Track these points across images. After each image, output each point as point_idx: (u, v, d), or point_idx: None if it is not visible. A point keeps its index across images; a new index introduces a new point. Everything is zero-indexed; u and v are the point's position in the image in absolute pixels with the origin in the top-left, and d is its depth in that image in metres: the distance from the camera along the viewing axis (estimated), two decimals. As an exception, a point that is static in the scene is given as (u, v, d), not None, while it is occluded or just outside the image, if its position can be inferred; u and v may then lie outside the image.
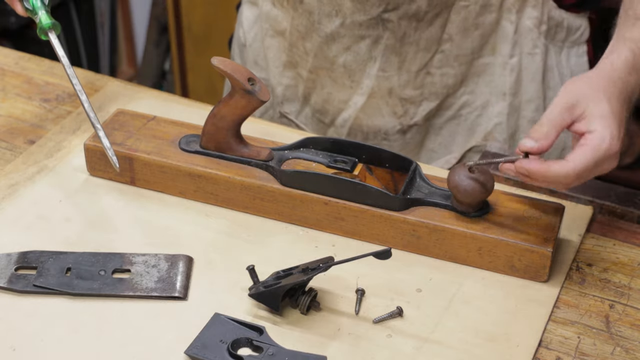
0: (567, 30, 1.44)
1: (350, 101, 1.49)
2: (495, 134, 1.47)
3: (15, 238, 1.21)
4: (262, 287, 1.10)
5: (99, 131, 1.25)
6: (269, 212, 1.25)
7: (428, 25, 1.38)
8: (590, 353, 1.08)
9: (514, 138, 1.48)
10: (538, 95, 1.46)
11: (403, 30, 1.39)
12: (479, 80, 1.45)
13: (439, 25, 1.39)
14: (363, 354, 1.07)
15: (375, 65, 1.43)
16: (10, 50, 1.61)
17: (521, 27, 1.42)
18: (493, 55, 1.43)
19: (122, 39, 3.34)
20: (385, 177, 1.26)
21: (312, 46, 1.46)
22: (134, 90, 1.49)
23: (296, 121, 1.57)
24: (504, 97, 1.45)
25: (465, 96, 1.46)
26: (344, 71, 1.46)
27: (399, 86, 1.44)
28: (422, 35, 1.39)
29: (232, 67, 1.21)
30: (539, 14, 1.41)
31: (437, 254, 1.19)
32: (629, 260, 1.21)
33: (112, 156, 1.24)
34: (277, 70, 1.54)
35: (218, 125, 1.25)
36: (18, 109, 1.46)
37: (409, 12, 1.37)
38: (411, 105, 1.46)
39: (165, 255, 1.18)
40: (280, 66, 1.53)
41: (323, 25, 1.43)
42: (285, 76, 1.54)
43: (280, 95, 1.56)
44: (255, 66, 1.59)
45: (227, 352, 1.05)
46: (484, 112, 1.47)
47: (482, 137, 1.48)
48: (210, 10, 2.85)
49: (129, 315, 1.11)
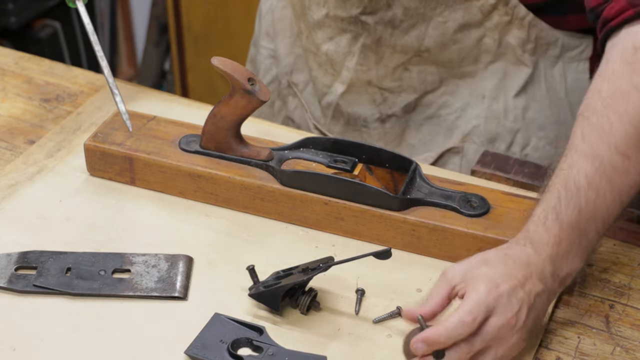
0: (562, 48, 1.41)
1: (332, 87, 1.50)
2: (472, 137, 1.46)
3: (15, 238, 1.21)
4: (262, 287, 1.10)
5: (116, 96, 1.29)
6: (269, 212, 1.25)
7: (404, 34, 1.38)
8: (590, 353, 1.08)
9: (493, 144, 1.46)
10: (516, 106, 1.44)
11: (379, 34, 1.39)
12: (459, 82, 1.44)
13: (415, 36, 1.38)
14: (363, 354, 1.07)
15: (354, 60, 1.44)
16: (10, 50, 1.61)
17: (504, 44, 1.39)
18: (474, 64, 1.42)
19: (122, 39, 3.34)
20: (385, 177, 1.26)
21: (305, 27, 1.48)
22: (134, 90, 1.49)
23: (300, 96, 1.59)
24: (483, 100, 1.44)
25: (446, 96, 1.46)
26: (326, 59, 1.47)
27: (377, 78, 1.45)
28: (397, 41, 1.39)
29: (232, 67, 1.21)
30: (525, 35, 1.38)
31: (437, 254, 1.19)
32: (629, 260, 1.21)
33: (127, 120, 1.29)
34: (289, 40, 1.56)
35: (218, 125, 1.25)
36: (18, 109, 1.46)
37: (385, 18, 1.37)
38: (390, 94, 1.46)
39: (165, 255, 1.18)
40: (292, 36, 1.55)
41: (312, 12, 1.44)
42: (297, 45, 1.55)
43: (290, 64, 1.58)
44: (267, 36, 1.62)
45: (227, 352, 1.05)
46: (462, 114, 1.46)
47: (460, 139, 1.47)
48: (210, 10, 2.85)
49: (129, 315, 1.11)
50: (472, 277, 1.01)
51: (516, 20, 1.36)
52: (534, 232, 1.05)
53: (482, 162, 1.38)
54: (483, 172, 1.37)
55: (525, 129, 1.45)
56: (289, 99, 1.62)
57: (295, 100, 1.61)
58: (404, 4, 1.34)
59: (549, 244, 1.04)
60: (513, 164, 1.37)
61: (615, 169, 1.04)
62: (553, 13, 1.37)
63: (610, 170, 1.04)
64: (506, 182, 1.33)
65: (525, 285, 1.01)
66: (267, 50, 1.63)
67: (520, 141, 1.46)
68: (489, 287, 0.99)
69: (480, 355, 1.00)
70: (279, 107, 1.66)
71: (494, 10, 1.35)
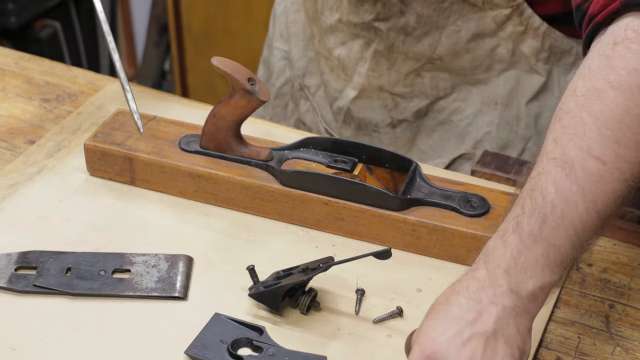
0: (577, 56, 1.38)
1: (343, 92, 1.49)
2: (484, 143, 1.46)
3: (15, 238, 1.21)
4: (262, 287, 1.10)
5: (127, 93, 1.26)
6: (269, 212, 1.25)
7: (416, 42, 1.37)
8: (590, 353, 1.08)
9: (505, 151, 1.45)
10: (529, 113, 1.43)
11: (391, 40, 1.38)
12: (472, 89, 1.43)
13: (428, 44, 1.37)
14: (363, 354, 1.07)
15: (366, 65, 1.43)
16: (10, 50, 1.61)
17: (518, 53, 1.38)
18: (487, 72, 1.41)
19: (122, 39, 3.34)
20: (385, 177, 1.26)
21: (317, 31, 1.47)
22: (134, 90, 1.49)
23: (312, 99, 1.58)
24: (496, 106, 1.43)
25: (458, 102, 1.45)
26: (338, 64, 1.47)
27: (389, 83, 1.44)
28: (410, 48, 1.38)
29: (232, 67, 1.21)
30: (539, 45, 1.37)
31: (437, 254, 1.19)
32: (629, 260, 1.21)
33: (138, 120, 1.25)
34: (302, 43, 1.56)
35: (218, 125, 1.25)
36: (18, 109, 1.46)
37: (398, 25, 1.36)
38: (402, 99, 1.46)
39: (165, 255, 1.18)
40: (305, 39, 1.55)
41: (324, 16, 1.44)
42: (310, 49, 1.55)
43: (302, 67, 1.58)
44: (280, 38, 1.62)
45: (227, 352, 1.05)
46: (474, 120, 1.45)
47: (472, 145, 1.47)
48: (210, 10, 2.85)
49: (129, 315, 1.11)
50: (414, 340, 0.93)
51: (530, 30, 1.35)
52: (492, 249, 0.95)
53: (482, 162, 1.38)
54: (483, 172, 1.37)
55: (537, 136, 1.44)
56: (301, 101, 1.62)
57: (307, 104, 1.60)
58: (418, 11, 1.33)
59: (505, 256, 0.93)
60: (513, 164, 1.37)
61: (588, 175, 0.93)
62: (568, 23, 1.30)
63: (583, 177, 0.93)
64: (506, 182, 1.33)
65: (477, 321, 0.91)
66: (281, 52, 1.63)
67: (533, 148, 1.44)
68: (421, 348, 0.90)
69: None
70: (291, 110, 1.65)
71: (508, 21, 1.34)
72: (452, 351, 0.89)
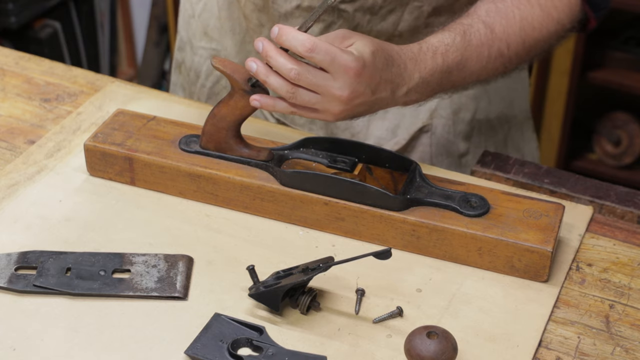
0: None
1: None
2: (439, 111, 1.47)
3: (15, 238, 1.21)
4: (262, 287, 1.10)
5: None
6: (269, 212, 1.25)
7: (381, 20, 1.38)
8: (590, 353, 1.08)
9: (458, 115, 1.48)
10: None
11: (357, 21, 1.39)
12: None
13: (392, 21, 1.38)
14: (363, 354, 1.07)
15: None
16: (10, 50, 1.61)
17: None
18: None
19: (122, 39, 3.34)
20: (385, 177, 1.26)
21: (267, 19, 1.45)
22: (134, 90, 1.50)
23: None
24: None
25: None
26: None
27: None
28: (373, 27, 1.39)
29: (232, 67, 1.21)
30: None
31: (437, 254, 1.20)
32: (629, 260, 1.21)
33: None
34: (239, 37, 1.52)
35: (218, 126, 1.25)
36: (18, 109, 1.46)
37: (365, 5, 1.37)
38: None
39: (165, 255, 1.18)
40: (242, 32, 1.52)
41: (277, 5, 1.41)
42: (248, 42, 1.52)
43: (241, 61, 1.53)
44: (204, 37, 1.57)
45: (227, 352, 1.05)
46: None
47: (428, 116, 1.47)
48: (210, 10, 2.84)
49: (129, 315, 1.11)
50: (362, 43, 1.15)
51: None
52: (423, 53, 1.21)
53: (482, 162, 1.38)
54: (483, 172, 1.37)
55: (487, 95, 1.48)
56: None
57: None
58: None
59: (426, 68, 1.21)
60: (513, 164, 1.37)
61: (499, 52, 1.26)
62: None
63: (495, 50, 1.26)
64: (506, 182, 1.34)
65: (388, 84, 1.17)
66: (208, 51, 1.58)
67: (484, 107, 1.49)
68: (360, 65, 1.13)
69: (303, 92, 1.15)
70: None
71: None
72: (361, 81, 1.14)
